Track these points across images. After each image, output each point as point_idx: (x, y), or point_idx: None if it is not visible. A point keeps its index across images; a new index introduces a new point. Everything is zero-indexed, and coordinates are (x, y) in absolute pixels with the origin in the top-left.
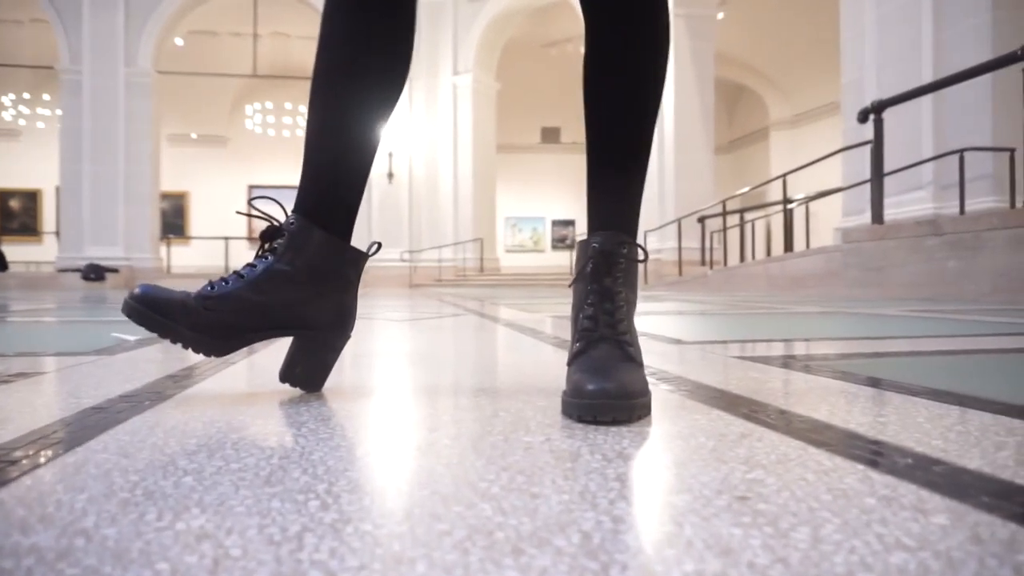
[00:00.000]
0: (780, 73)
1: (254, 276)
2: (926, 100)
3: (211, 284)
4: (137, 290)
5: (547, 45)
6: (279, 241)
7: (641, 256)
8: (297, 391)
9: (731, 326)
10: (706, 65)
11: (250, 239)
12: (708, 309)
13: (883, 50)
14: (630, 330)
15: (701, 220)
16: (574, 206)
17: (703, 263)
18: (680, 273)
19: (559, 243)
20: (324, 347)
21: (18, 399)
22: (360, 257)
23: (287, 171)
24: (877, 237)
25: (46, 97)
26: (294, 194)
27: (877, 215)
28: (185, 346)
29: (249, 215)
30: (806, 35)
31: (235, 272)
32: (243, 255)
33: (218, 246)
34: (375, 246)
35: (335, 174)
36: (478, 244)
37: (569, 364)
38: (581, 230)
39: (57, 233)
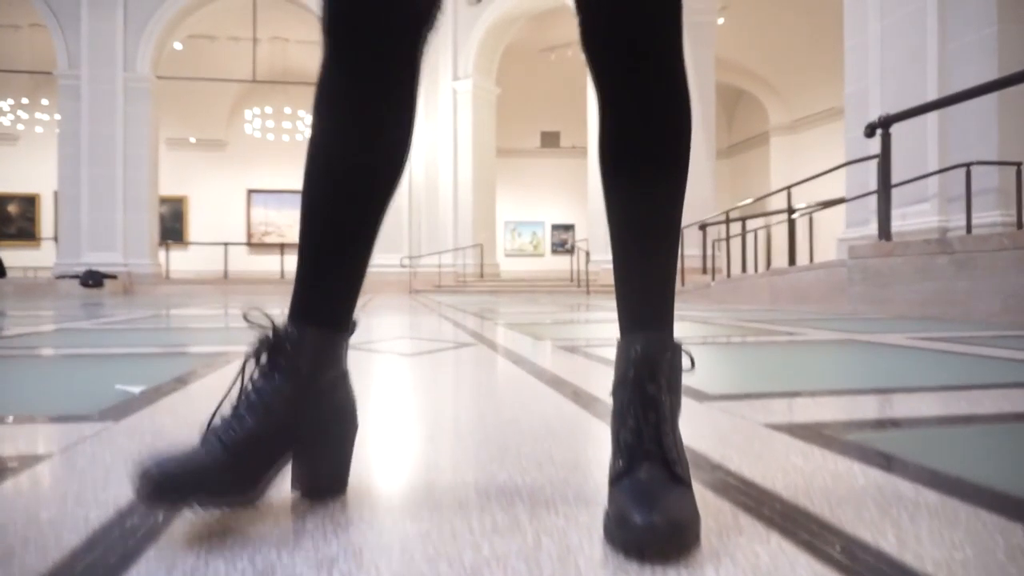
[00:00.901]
0: (780, 78)
1: (263, 403)
2: (931, 113)
3: (219, 436)
4: (148, 470)
5: (546, 50)
6: (279, 356)
7: (687, 364)
8: (288, 500)
9: (747, 363)
10: (707, 72)
11: (249, 244)
12: (716, 333)
13: (887, 61)
14: (676, 443)
15: (703, 228)
16: (573, 210)
17: (704, 271)
18: (683, 283)
19: (558, 247)
20: (346, 441)
21: (5, 517)
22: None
23: (286, 176)
24: (884, 254)
25: (44, 102)
26: (292, 199)
27: (884, 231)
28: (220, 505)
29: (249, 324)
30: (806, 40)
31: (236, 404)
32: (242, 260)
33: (217, 250)
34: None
35: (335, 274)
36: (478, 250)
37: (611, 484)
38: (581, 235)
39: (55, 239)
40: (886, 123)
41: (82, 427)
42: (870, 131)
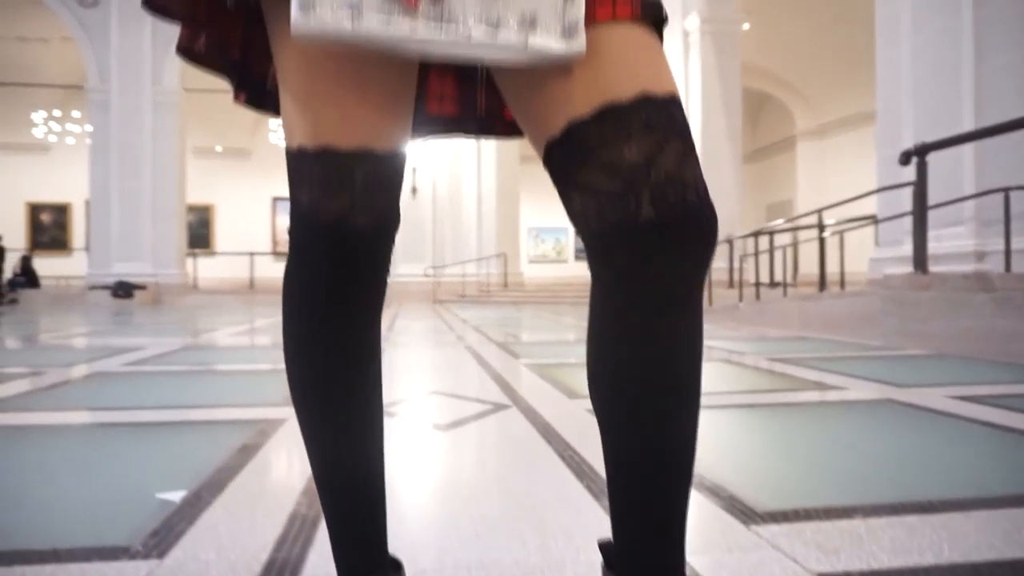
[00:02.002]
0: (806, 82)
1: None
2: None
3: None
4: None
5: None
6: None
7: None
8: None
9: (781, 438)
10: (732, 82)
11: (275, 253)
12: (742, 384)
13: (920, 78)
14: None
15: (729, 241)
16: None
17: (731, 284)
18: (710, 302)
19: (581, 253)
20: None
21: None
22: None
23: None
24: (920, 287)
25: (76, 114)
26: None
27: (920, 263)
28: None
29: None
30: (834, 43)
31: None
32: (268, 267)
33: (243, 257)
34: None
35: (362, 516)
36: (501, 259)
37: None
38: None
39: (87, 248)
40: (922, 151)
41: (123, 569)
42: (905, 159)
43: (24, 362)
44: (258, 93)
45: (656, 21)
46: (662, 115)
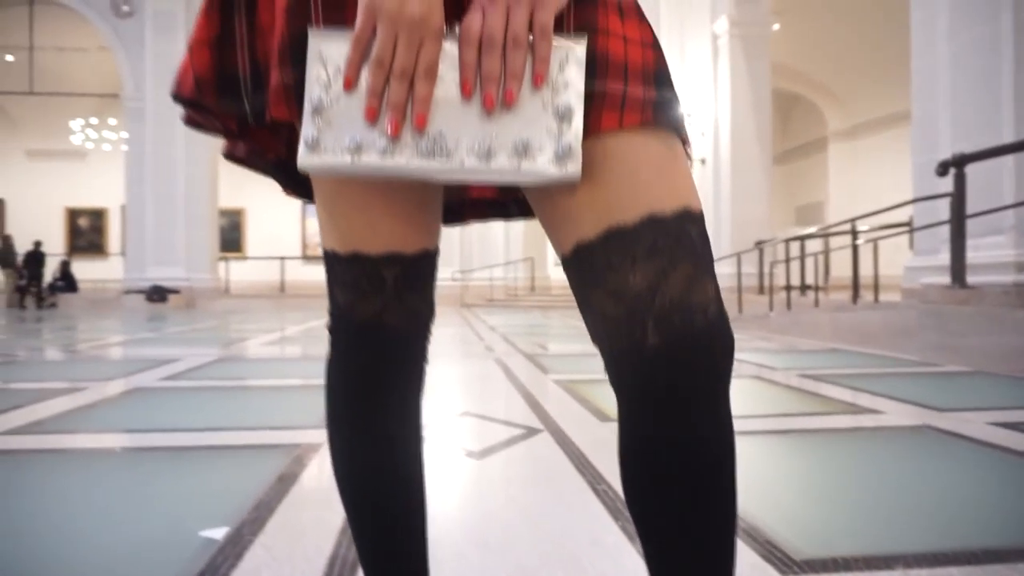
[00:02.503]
0: (838, 82)
1: None
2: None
3: None
4: None
5: None
6: None
7: None
8: None
9: (813, 470)
10: (762, 84)
11: (304, 258)
12: (773, 404)
13: (958, 85)
14: None
15: (759, 245)
16: None
17: (761, 290)
18: (740, 310)
19: None
20: None
21: None
22: None
23: None
24: (958, 302)
25: (112, 121)
26: None
27: (958, 277)
28: None
29: None
30: (865, 43)
31: None
32: (297, 270)
33: (274, 261)
34: None
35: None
36: (529, 263)
37: None
38: None
39: (123, 253)
40: (960, 162)
41: None
42: (942, 170)
43: (64, 375)
44: (307, 186)
45: (672, 123)
46: (670, 237)
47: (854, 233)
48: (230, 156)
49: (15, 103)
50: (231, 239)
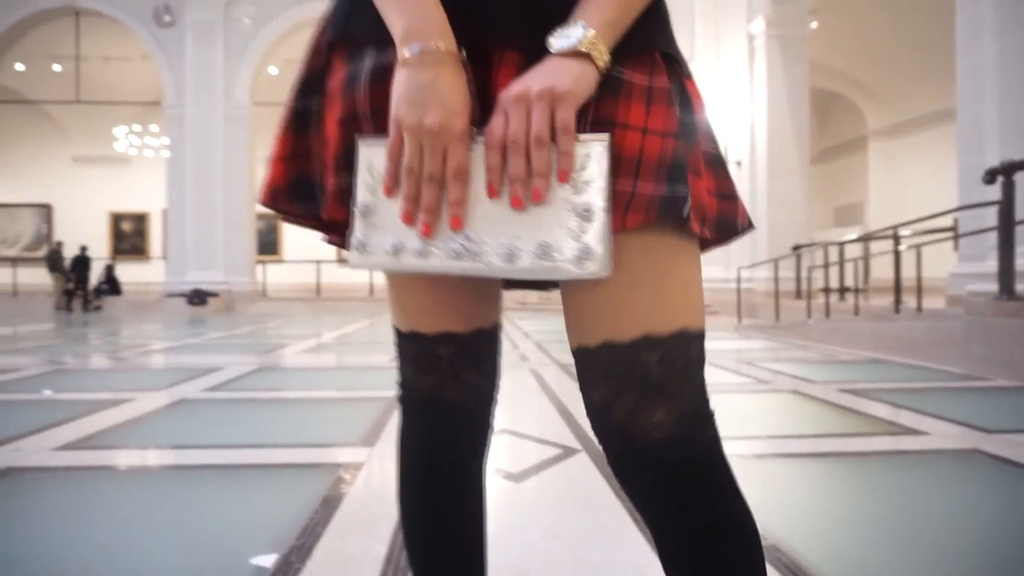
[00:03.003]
0: (878, 80)
1: None
2: None
3: None
4: None
5: None
6: None
7: None
8: None
9: (859, 506)
10: (799, 85)
11: (339, 261)
12: (810, 423)
13: (1005, 85)
14: None
15: (796, 250)
16: None
17: (799, 295)
18: (777, 317)
19: None
20: None
21: None
22: None
23: None
24: (1006, 314)
25: (153, 128)
26: None
27: (1006, 288)
28: None
29: None
30: (906, 39)
31: None
32: (332, 272)
33: (309, 263)
34: None
35: None
36: None
37: None
38: None
39: (164, 256)
40: (1009, 170)
41: None
42: (990, 178)
43: (111, 385)
44: None
45: (678, 218)
46: (668, 357)
47: (896, 239)
48: (330, 242)
49: (62, 111)
50: (268, 242)
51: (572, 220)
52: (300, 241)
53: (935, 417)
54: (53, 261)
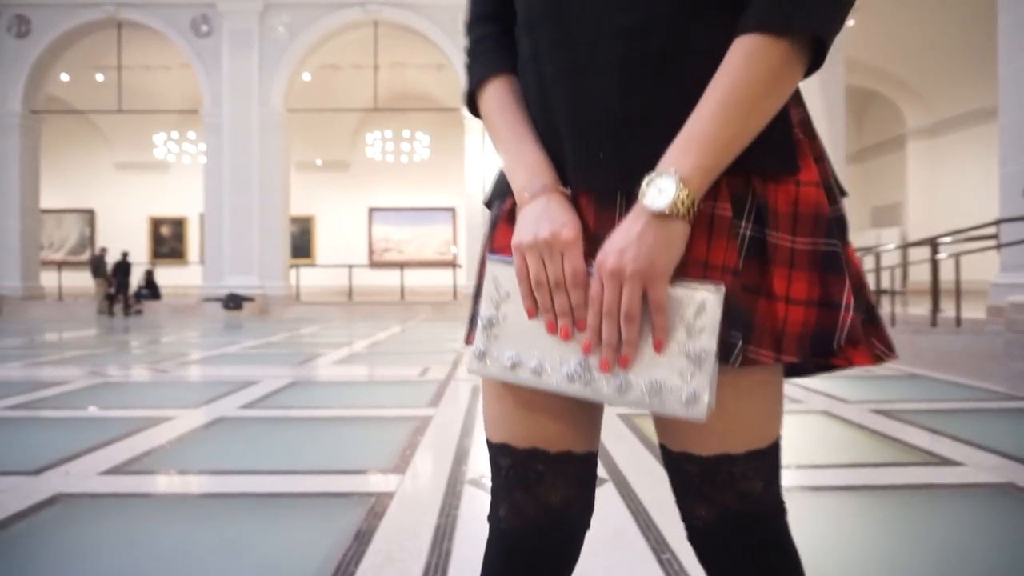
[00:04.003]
0: (918, 77)
1: None
2: None
3: None
4: None
5: None
6: None
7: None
8: None
9: (891, 544)
10: (835, 86)
11: (371, 264)
12: (847, 449)
13: None
14: None
15: None
16: None
17: None
18: None
19: None
20: None
21: None
22: None
23: (404, 194)
24: None
25: (191, 135)
26: (410, 216)
27: None
28: None
29: None
30: (948, 35)
31: None
32: (364, 275)
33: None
34: None
35: None
36: None
37: None
38: None
39: (201, 261)
40: None
41: None
42: None
43: (152, 401)
44: None
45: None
46: (708, 471)
47: (934, 247)
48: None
49: (105, 119)
50: (301, 246)
51: (684, 363)
52: (333, 244)
53: (971, 445)
54: (96, 266)
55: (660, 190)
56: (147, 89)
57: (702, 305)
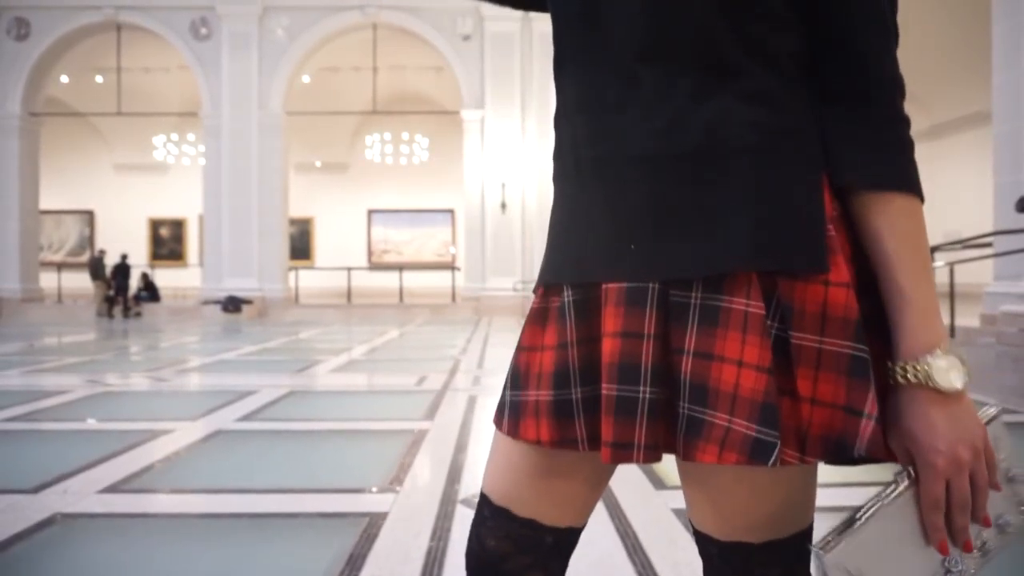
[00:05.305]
0: (916, 79)
1: None
2: None
3: None
4: None
5: None
6: None
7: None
8: None
9: None
10: None
11: (370, 265)
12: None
13: None
14: None
15: None
16: None
17: None
18: None
19: None
20: None
21: None
22: None
23: (403, 196)
24: None
25: (191, 137)
26: (409, 218)
27: None
28: None
29: None
30: (947, 38)
31: None
32: (363, 277)
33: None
34: None
35: None
36: None
37: None
38: None
39: (200, 263)
40: None
41: None
42: (1022, 206)
43: (151, 412)
44: None
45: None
46: (725, 553)
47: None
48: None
49: (104, 121)
50: (300, 247)
51: (1009, 491)
52: (332, 246)
53: None
54: (95, 269)
55: (955, 368)
56: (146, 91)
57: (997, 430)
